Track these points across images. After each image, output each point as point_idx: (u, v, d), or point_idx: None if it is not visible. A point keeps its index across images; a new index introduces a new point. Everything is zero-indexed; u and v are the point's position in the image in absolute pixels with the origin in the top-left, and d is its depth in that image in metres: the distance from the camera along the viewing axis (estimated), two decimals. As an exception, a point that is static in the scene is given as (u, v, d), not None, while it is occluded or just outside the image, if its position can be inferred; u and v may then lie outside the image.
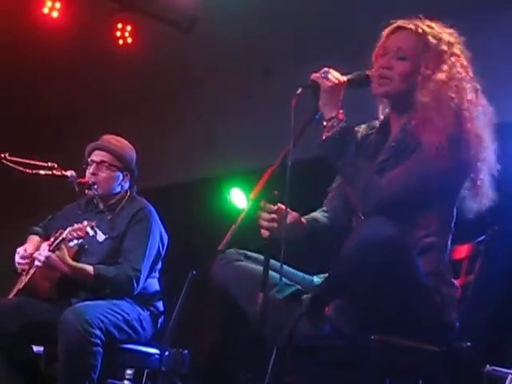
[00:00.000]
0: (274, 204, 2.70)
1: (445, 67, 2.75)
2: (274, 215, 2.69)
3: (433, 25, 2.83)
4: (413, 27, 2.80)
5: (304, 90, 2.71)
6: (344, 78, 2.77)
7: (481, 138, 2.69)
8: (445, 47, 2.78)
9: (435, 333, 2.59)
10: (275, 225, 2.67)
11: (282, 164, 2.61)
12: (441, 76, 2.73)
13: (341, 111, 2.72)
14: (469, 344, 2.65)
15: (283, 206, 2.68)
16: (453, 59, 2.78)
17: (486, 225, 2.80)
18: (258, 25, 5.95)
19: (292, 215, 2.82)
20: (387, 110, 2.94)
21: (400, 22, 2.84)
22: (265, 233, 2.68)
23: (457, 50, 2.81)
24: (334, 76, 2.75)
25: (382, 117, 2.97)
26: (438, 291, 2.61)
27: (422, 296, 2.55)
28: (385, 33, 2.86)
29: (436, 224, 2.72)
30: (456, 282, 2.76)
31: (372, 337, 2.45)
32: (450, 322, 2.63)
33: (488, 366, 3.37)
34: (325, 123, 2.72)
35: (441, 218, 2.74)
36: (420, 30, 2.79)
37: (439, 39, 2.78)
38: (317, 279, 2.92)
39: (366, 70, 2.84)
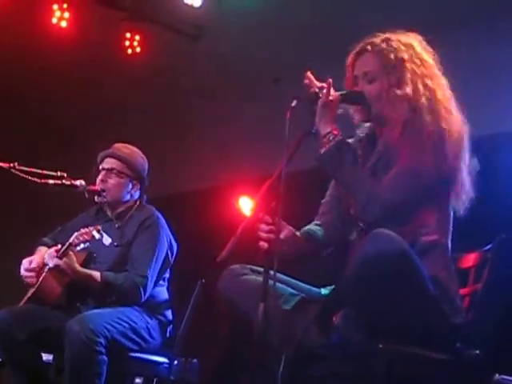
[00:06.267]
0: (272, 216, 2.71)
1: (408, 76, 2.80)
2: (271, 227, 2.71)
3: (389, 36, 2.89)
4: (369, 48, 2.87)
5: (299, 103, 2.74)
6: (338, 94, 2.81)
7: (460, 136, 2.76)
8: (404, 54, 2.83)
9: (443, 341, 2.59)
10: (273, 236, 2.69)
11: (280, 176, 2.64)
12: (407, 87, 2.79)
13: (334, 126, 2.79)
14: (477, 352, 2.65)
15: (280, 219, 2.71)
16: (417, 62, 2.83)
17: (493, 233, 2.80)
18: (267, 33, 5.97)
19: (288, 229, 2.85)
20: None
21: (357, 48, 2.91)
22: (263, 245, 2.71)
23: (417, 51, 2.86)
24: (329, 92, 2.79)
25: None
26: (444, 297, 2.62)
27: (428, 304, 2.56)
28: (348, 62, 2.93)
29: (434, 222, 2.76)
30: (463, 291, 2.77)
31: (380, 345, 2.46)
32: (457, 329, 2.63)
33: (497, 374, 3.35)
34: (322, 139, 2.77)
35: (438, 215, 2.78)
36: (377, 49, 2.86)
37: (396, 49, 2.84)
38: (324, 291, 2.93)
39: None
